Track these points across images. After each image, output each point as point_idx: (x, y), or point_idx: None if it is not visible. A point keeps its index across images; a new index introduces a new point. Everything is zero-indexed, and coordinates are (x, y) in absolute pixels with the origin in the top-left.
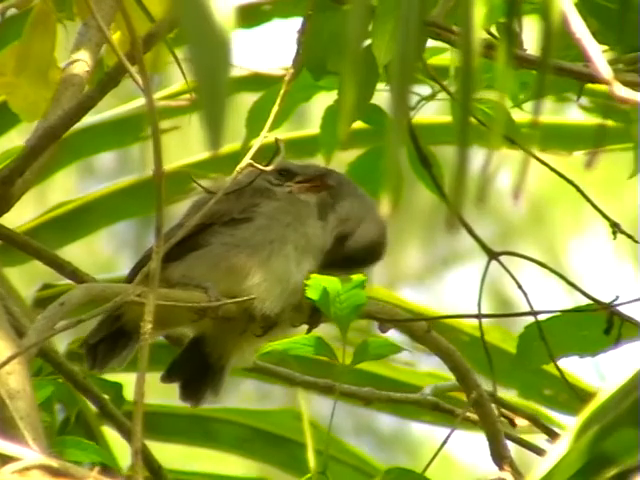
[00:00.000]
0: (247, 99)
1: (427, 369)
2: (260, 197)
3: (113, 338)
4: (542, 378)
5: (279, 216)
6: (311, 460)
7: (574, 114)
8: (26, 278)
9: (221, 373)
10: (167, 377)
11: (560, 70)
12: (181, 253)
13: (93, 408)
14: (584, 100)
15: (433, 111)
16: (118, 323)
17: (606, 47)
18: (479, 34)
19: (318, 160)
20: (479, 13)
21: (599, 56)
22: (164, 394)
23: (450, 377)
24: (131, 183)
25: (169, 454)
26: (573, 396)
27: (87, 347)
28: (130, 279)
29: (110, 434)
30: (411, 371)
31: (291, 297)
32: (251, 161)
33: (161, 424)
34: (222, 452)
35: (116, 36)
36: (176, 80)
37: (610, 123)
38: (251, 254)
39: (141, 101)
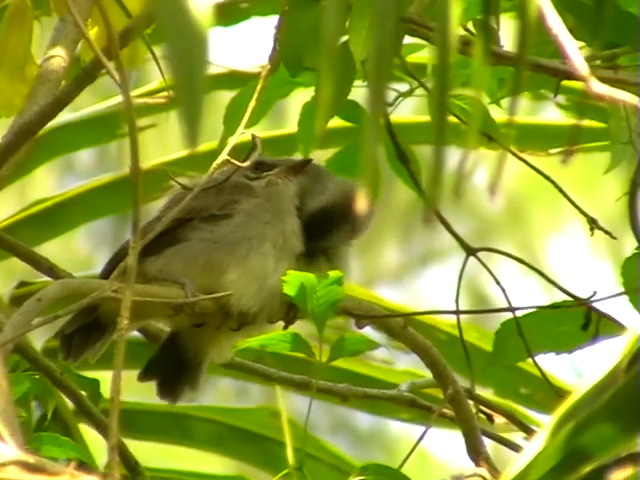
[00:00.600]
0: (224, 97)
1: (404, 367)
2: (240, 194)
3: (88, 329)
4: (518, 376)
5: (258, 213)
6: (289, 457)
7: (551, 113)
8: (2, 276)
9: (198, 369)
10: (144, 375)
11: (537, 67)
12: (159, 248)
13: (70, 405)
14: (561, 98)
15: (411, 110)
16: (94, 314)
17: (583, 44)
18: (456, 30)
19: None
20: (456, 9)
21: (576, 52)
22: (140, 392)
23: (427, 375)
24: (109, 180)
25: (145, 452)
26: (549, 394)
27: (62, 337)
28: (105, 274)
29: (87, 431)
30: (388, 369)
31: (270, 296)
32: (228, 157)
33: (137, 422)
34: (199, 450)
35: (93, 32)
36: (154, 78)
37: (587, 122)
38: (229, 251)
39: (119, 98)
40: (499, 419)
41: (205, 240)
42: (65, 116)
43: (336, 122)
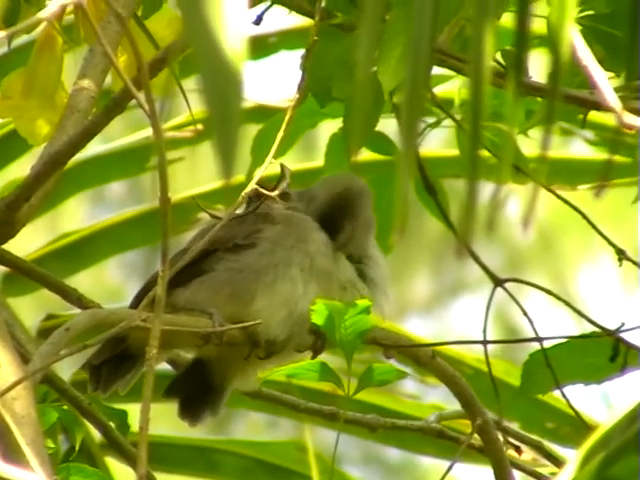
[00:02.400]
0: (252, 131)
1: (431, 402)
2: (263, 223)
3: (117, 360)
4: (544, 411)
5: (282, 240)
6: None
7: (579, 148)
8: (31, 308)
9: (221, 395)
10: (167, 394)
11: (566, 97)
12: (186, 279)
13: (97, 438)
14: (589, 134)
15: (439, 143)
16: (122, 345)
17: (612, 74)
18: (489, 62)
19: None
20: (489, 40)
21: (605, 83)
22: (167, 425)
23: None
24: (140, 212)
25: None
26: (575, 429)
27: (90, 368)
28: (135, 305)
29: (113, 465)
30: (415, 403)
31: (299, 323)
32: (257, 186)
33: (164, 455)
34: None
35: (122, 61)
36: (182, 112)
37: (617, 157)
38: (255, 279)
39: (149, 130)
40: (527, 453)
41: (230, 270)
42: (96, 147)
43: (363, 154)
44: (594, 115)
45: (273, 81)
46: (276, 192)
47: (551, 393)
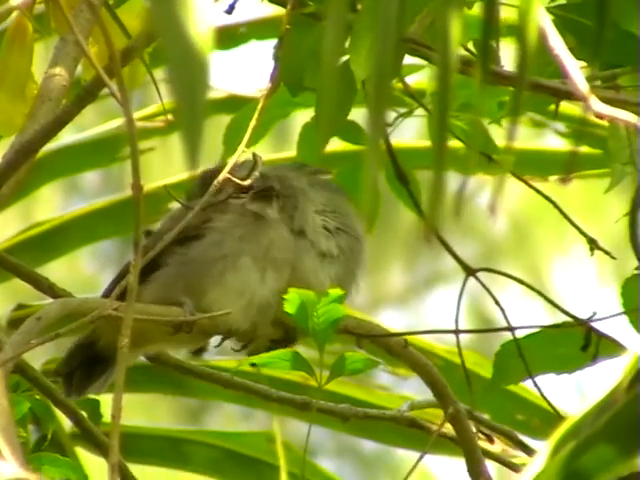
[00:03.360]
0: (224, 121)
1: (403, 393)
2: (214, 212)
3: (88, 364)
4: (514, 402)
5: (231, 230)
6: None
7: (549, 140)
8: (2, 298)
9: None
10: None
11: (537, 86)
12: (145, 272)
13: (67, 428)
14: (561, 126)
15: (411, 135)
16: (92, 351)
17: (583, 64)
18: (456, 50)
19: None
20: (456, 29)
21: (577, 72)
22: (138, 416)
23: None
24: (113, 202)
25: (143, 476)
26: (545, 421)
27: (61, 376)
28: (107, 295)
29: (83, 455)
30: (386, 394)
31: (262, 311)
32: (229, 175)
33: (135, 445)
34: (196, 474)
35: (93, 51)
36: (152, 102)
37: (587, 149)
38: (204, 270)
39: (121, 120)
40: (497, 444)
41: (180, 263)
42: (69, 137)
43: (336, 144)
44: (565, 107)
45: (243, 71)
46: (248, 181)
47: (521, 385)
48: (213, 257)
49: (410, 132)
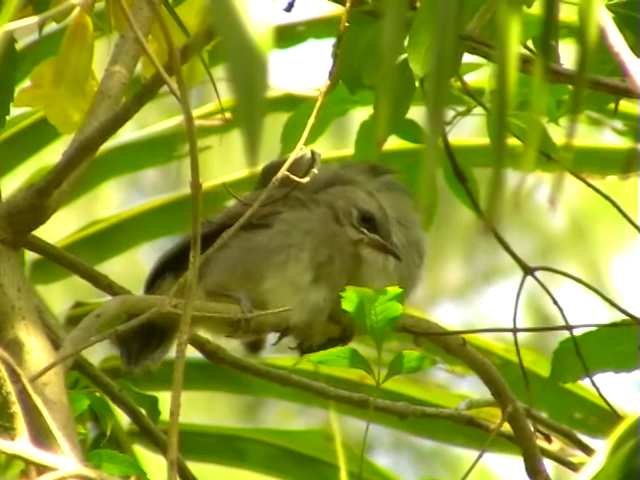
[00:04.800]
0: (281, 119)
1: (460, 391)
2: (282, 206)
3: (146, 336)
4: (572, 401)
5: (300, 223)
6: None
7: (607, 138)
8: (61, 295)
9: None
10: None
11: (596, 84)
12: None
13: (124, 426)
14: (619, 124)
15: (470, 132)
16: (149, 322)
17: None
18: (516, 47)
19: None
20: (516, 26)
21: (636, 68)
22: (196, 413)
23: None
24: (172, 199)
25: (199, 473)
26: (602, 419)
27: (118, 342)
28: (152, 274)
29: (141, 453)
30: (443, 392)
31: (317, 310)
32: (287, 173)
33: (192, 443)
34: (253, 472)
35: (152, 48)
36: (211, 100)
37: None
38: (266, 258)
39: (180, 118)
40: (555, 442)
41: (242, 248)
42: (129, 134)
43: (394, 142)
44: (623, 105)
45: (301, 70)
46: (306, 178)
47: (579, 383)
48: (277, 246)
49: (468, 130)
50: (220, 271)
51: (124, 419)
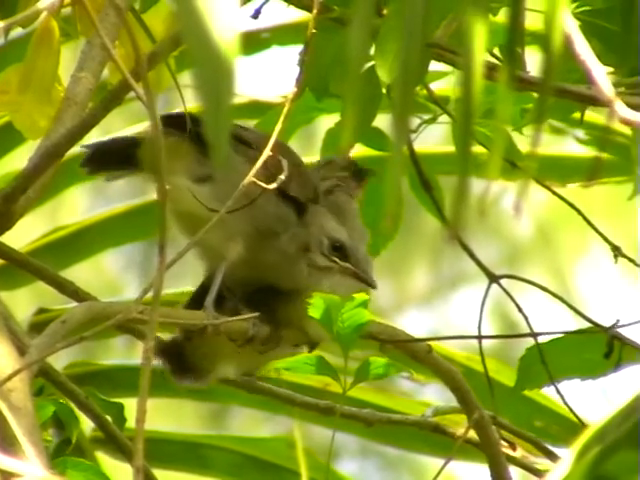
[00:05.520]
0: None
1: (424, 400)
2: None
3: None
4: (533, 409)
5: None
6: None
7: (570, 147)
8: (26, 301)
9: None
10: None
11: (562, 92)
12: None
13: (87, 432)
14: (580, 133)
15: (435, 140)
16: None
17: (610, 70)
18: (481, 54)
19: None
20: (481, 34)
21: (603, 77)
22: (159, 421)
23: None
24: (137, 205)
25: None
26: (563, 427)
27: (93, 148)
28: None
29: (103, 460)
30: (407, 400)
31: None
32: (254, 179)
33: (154, 450)
34: (214, 479)
35: (119, 54)
36: (176, 106)
37: (606, 156)
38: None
39: (146, 124)
40: (519, 450)
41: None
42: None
43: (360, 149)
44: (586, 114)
45: (265, 77)
46: (273, 185)
47: (540, 391)
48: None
49: (434, 138)
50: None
51: (87, 426)
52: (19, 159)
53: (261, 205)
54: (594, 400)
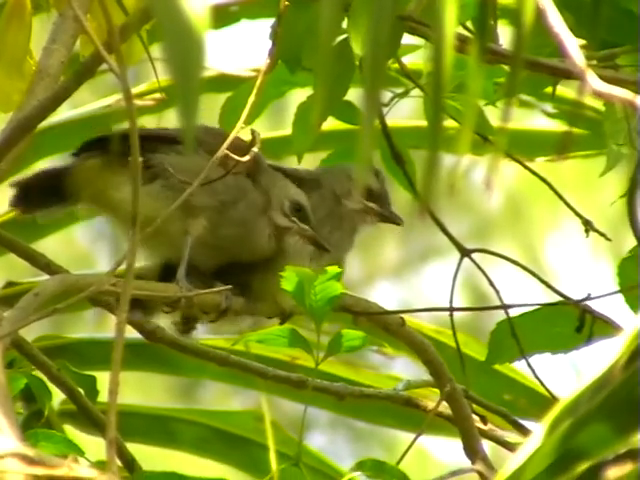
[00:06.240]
0: (212, 100)
1: (394, 373)
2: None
3: (49, 193)
4: (502, 383)
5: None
6: (272, 461)
7: (537, 121)
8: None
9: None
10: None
11: (534, 65)
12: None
13: (55, 406)
14: (548, 107)
15: (407, 114)
16: (60, 182)
17: (582, 42)
18: (452, 27)
19: (291, 160)
20: (452, 6)
21: (575, 50)
22: (130, 393)
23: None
24: None
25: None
26: (531, 401)
27: (20, 186)
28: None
29: (71, 432)
30: (375, 374)
31: None
32: (227, 152)
33: (122, 423)
34: (183, 452)
35: (91, 27)
36: (144, 80)
37: (575, 129)
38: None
39: (117, 96)
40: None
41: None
42: (65, 113)
43: (331, 123)
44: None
45: (233, 50)
46: (246, 157)
47: (508, 365)
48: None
49: (405, 112)
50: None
51: (55, 399)
52: None
53: (223, 179)
54: (562, 373)
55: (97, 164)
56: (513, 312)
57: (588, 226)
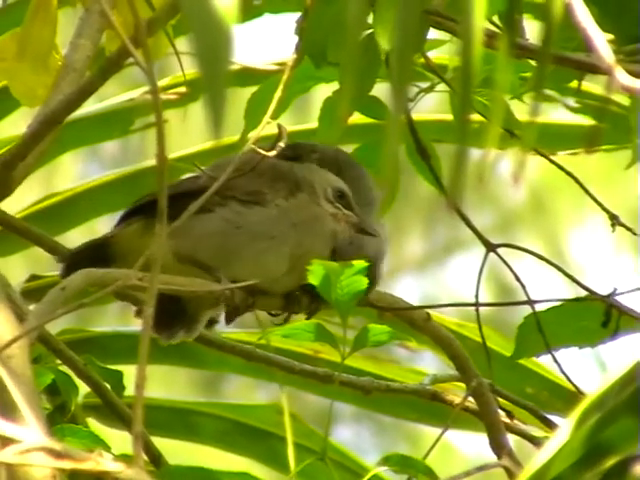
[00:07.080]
0: (236, 94)
1: (420, 368)
2: (269, 188)
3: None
4: (524, 376)
5: (290, 213)
6: (290, 455)
7: (558, 114)
8: (21, 267)
9: (196, 321)
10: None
11: (561, 59)
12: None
13: (79, 400)
14: (571, 101)
15: (433, 109)
16: (105, 250)
17: (608, 37)
18: (480, 22)
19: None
20: (480, 1)
21: (603, 44)
22: (154, 387)
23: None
24: (131, 171)
25: None
26: (553, 394)
27: (67, 259)
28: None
29: (95, 426)
30: (400, 369)
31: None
32: (254, 146)
33: (145, 417)
34: (205, 446)
35: (117, 21)
36: (167, 74)
37: (600, 124)
38: (249, 241)
39: (137, 92)
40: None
41: (228, 221)
42: (89, 107)
43: (358, 118)
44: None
45: (256, 44)
46: (273, 152)
47: (530, 358)
48: (263, 232)
49: (430, 106)
50: (198, 237)
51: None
52: (14, 125)
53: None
54: (587, 368)
55: (139, 229)
56: (539, 307)
57: (615, 220)
